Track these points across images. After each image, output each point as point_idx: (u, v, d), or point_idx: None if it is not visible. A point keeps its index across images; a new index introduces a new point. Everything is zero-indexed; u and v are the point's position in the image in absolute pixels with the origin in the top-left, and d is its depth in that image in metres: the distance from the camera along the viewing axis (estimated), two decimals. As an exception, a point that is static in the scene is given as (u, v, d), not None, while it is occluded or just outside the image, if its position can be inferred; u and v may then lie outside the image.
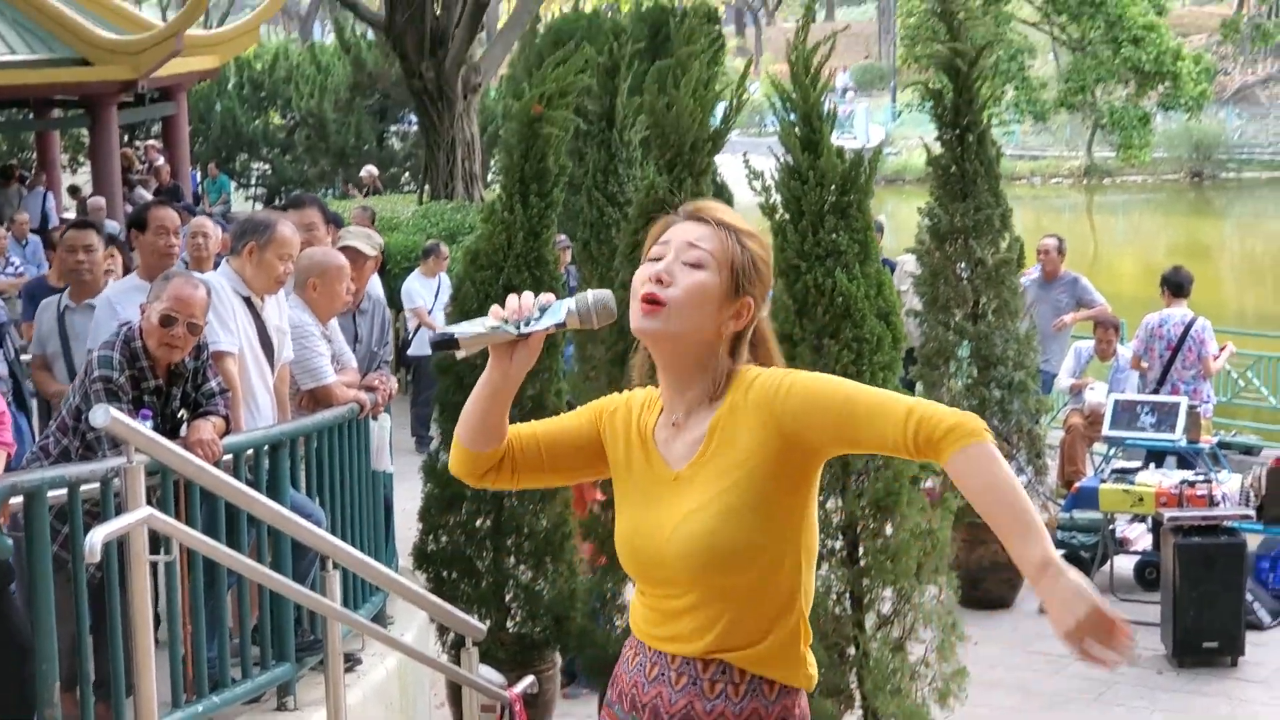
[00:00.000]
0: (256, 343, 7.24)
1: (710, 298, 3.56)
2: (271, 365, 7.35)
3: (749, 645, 3.59)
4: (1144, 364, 13.71)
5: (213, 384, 6.49)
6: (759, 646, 3.59)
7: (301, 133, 35.63)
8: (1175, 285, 13.92)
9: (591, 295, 3.54)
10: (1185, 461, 12.31)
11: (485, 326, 3.49)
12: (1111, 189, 60.85)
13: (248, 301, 7.32)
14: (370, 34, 32.97)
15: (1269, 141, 66.13)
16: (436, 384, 15.65)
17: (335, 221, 9.73)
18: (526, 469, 3.80)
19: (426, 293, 16.58)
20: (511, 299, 3.51)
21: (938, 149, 11.60)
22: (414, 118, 31.33)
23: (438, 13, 23.81)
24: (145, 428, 5.50)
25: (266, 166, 37.05)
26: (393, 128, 35.90)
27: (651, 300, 3.53)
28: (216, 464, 6.05)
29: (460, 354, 3.53)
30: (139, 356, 6.31)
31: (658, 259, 3.59)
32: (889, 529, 7.88)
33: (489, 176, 27.65)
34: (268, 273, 7.33)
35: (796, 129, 7.80)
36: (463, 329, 3.48)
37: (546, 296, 3.53)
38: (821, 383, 3.54)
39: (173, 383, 6.44)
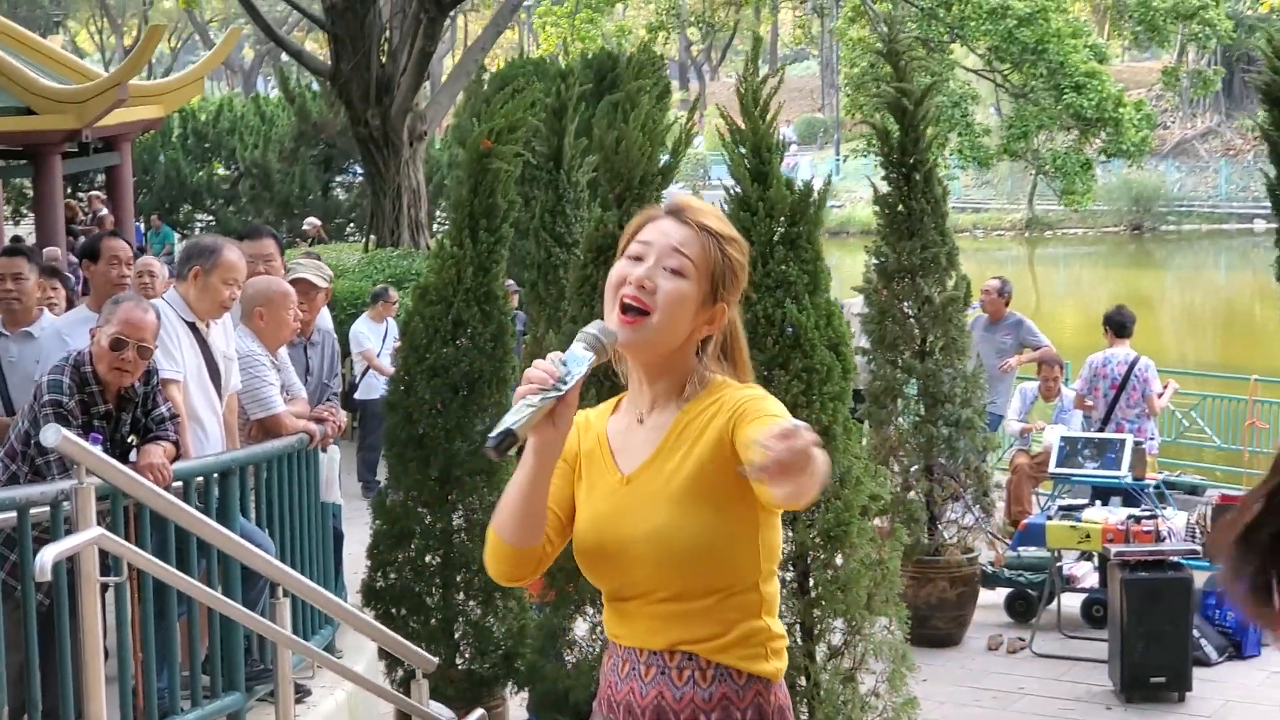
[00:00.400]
0: (203, 369, 7.21)
1: (689, 307, 3.57)
2: (219, 392, 7.31)
3: (712, 638, 3.60)
4: (1088, 403, 13.85)
5: (163, 409, 6.46)
6: (722, 638, 3.60)
7: (246, 183, 35.57)
8: (1118, 325, 14.09)
9: (595, 328, 3.53)
10: (1130, 500, 12.37)
11: (530, 405, 3.42)
12: (1053, 241, 61.34)
13: (193, 327, 7.29)
14: (315, 84, 32.96)
15: (1208, 194, 66.84)
16: (384, 426, 15.74)
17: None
18: (557, 539, 3.69)
19: (375, 337, 16.55)
20: (533, 372, 3.42)
21: (884, 188, 11.64)
22: (359, 168, 31.29)
23: (383, 61, 23.82)
24: (96, 449, 5.46)
25: (210, 218, 36.95)
26: (338, 178, 35.88)
27: (635, 310, 3.53)
28: (166, 489, 6.01)
29: (520, 444, 3.43)
30: (89, 381, 6.28)
31: (637, 258, 3.59)
32: (839, 560, 7.88)
33: (434, 226, 27.64)
34: (212, 297, 7.30)
35: (746, 160, 7.83)
36: (512, 420, 3.39)
37: (556, 354, 3.48)
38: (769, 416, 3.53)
39: (122, 408, 6.41)
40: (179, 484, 6.28)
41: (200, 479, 6.63)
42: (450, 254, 8.96)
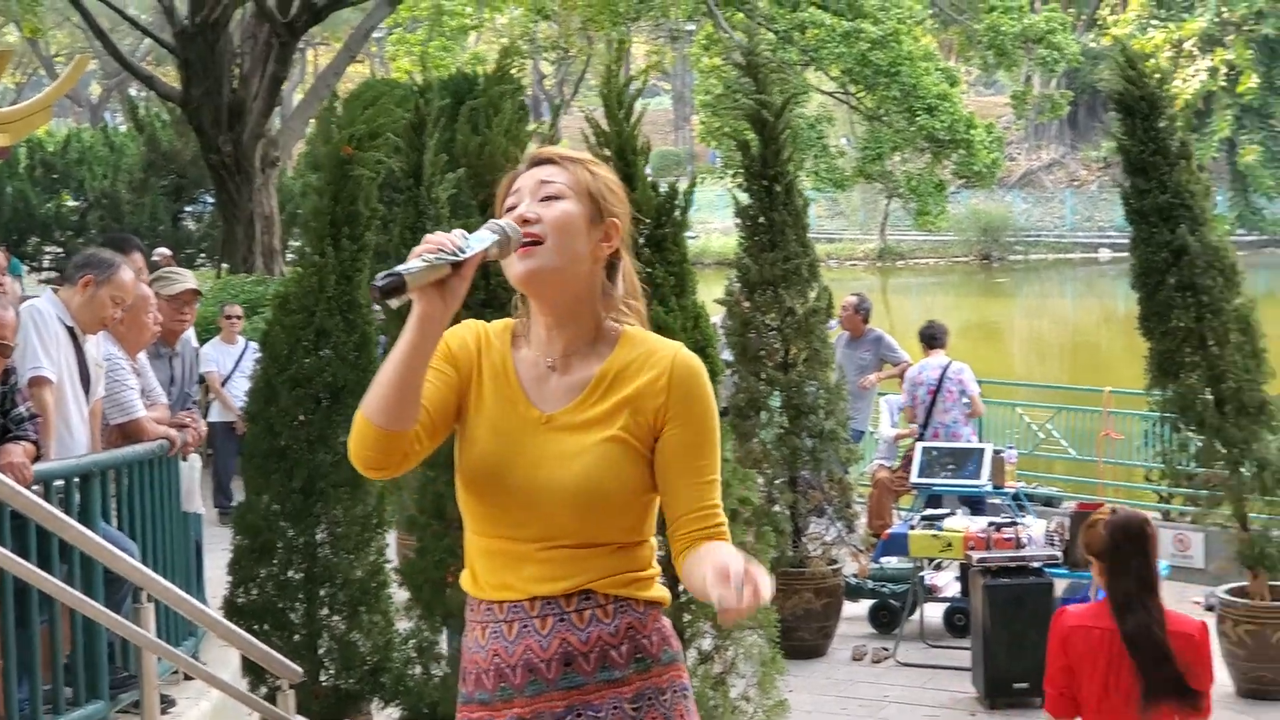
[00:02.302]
0: (76, 374, 7.07)
1: (578, 225, 3.56)
2: (88, 398, 7.18)
3: (605, 574, 3.58)
4: (913, 413, 14.26)
5: (21, 409, 6.32)
6: (616, 575, 3.60)
7: (95, 214, 34.99)
8: (928, 337, 14.77)
9: (504, 220, 3.50)
10: (978, 510, 12.54)
11: (424, 261, 3.32)
12: (905, 271, 62.08)
13: (71, 332, 7.16)
14: (164, 114, 32.57)
15: (1054, 225, 67.97)
16: (235, 448, 15.53)
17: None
18: (427, 440, 3.57)
19: (225, 359, 16.34)
20: (434, 235, 3.38)
21: (746, 200, 11.67)
22: (209, 198, 30.95)
23: (235, 87, 23.61)
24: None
25: (59, 249, 36.31)
26: (188, 208, 35.42)
27: (528, 243, 3.50)
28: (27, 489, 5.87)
29: (405, 297, 3.32)
30: None
31: (512, 207, 3.58)
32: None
33: (287, 255, 27.42)
34: (96, 310, 7.17)
35: (611, 163, 7.81)
36: (405, 267, 3.30)
37: (460, 231, 3.43)
38: (709, 431, 3.62)
39: (-21, 407, 6.26)
40: (38, 486, 6.13)
41: (60, 482, 6.48)
42: (312, 262, 8.85)
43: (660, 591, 3.66)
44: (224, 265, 24.34)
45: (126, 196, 33.93)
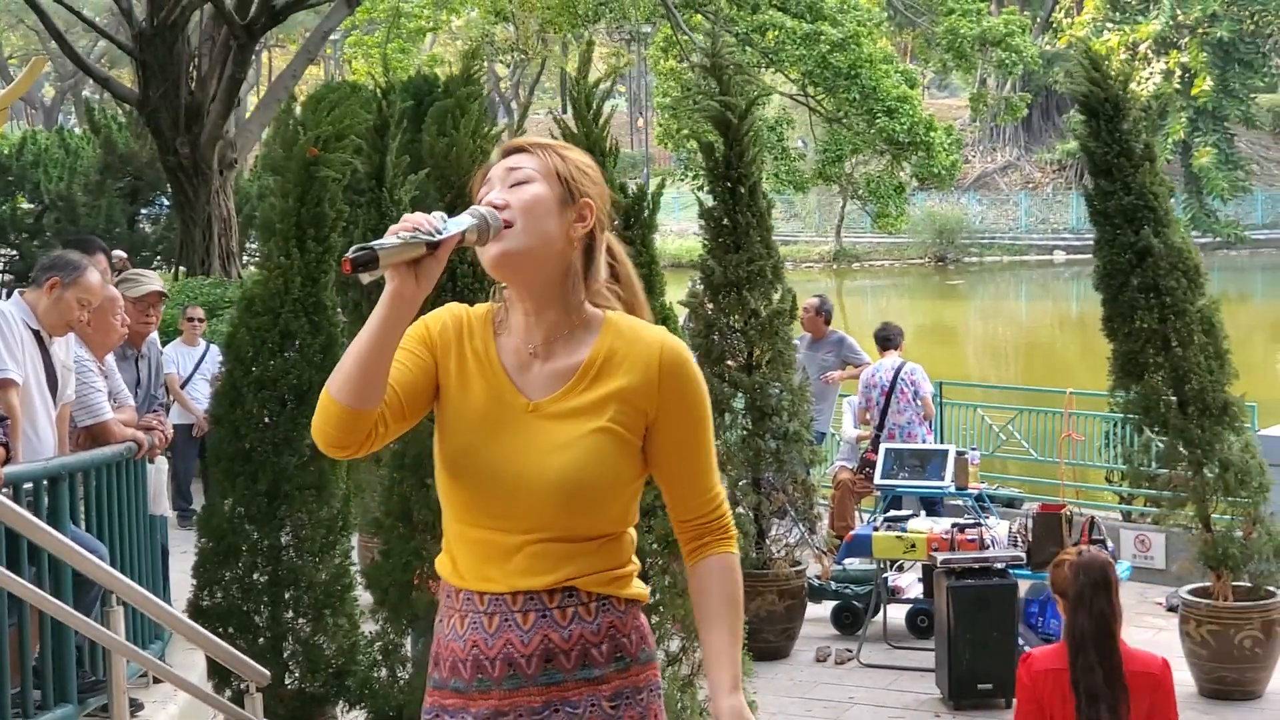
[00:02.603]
0: (43, 376, 7.03)
1: (548, 206, 3.55)
2: (55, 401, 7.13)
3: (595, 571, 3.59)
4: (867, 415, 14.32)
5: (-12, 411, 6.28)
6: (602, 572, 3.60)
7: (50, 217, 34.77)
8: (882, 339, 14.95)
9: (484, 208, 3.49)
10: (934, 513, 12.58)
11: (399, 238, 3.31)
12: (860, 273, 62.28)
13: (37, 335, 7.11)
14: (121, 116, 32.40)
15: (1009, 227, 68.31)
16: (195, 451, 15.46)
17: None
18: (394, 422, 3.55)
19: (185, 361, 16.27)
20: (412, 216, 3.38)
21: (710, 202, 11.66)
22: (166, 200, 30.79)
23: (192, 88, 23.49)
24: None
25: (14, 252, 36.09)
26: (144, 210, 35.25)
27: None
28: (-3, 492, 5.84)
29: (378, 272, 3.30)
30: None
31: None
32: (676, 566, 7.85)
33: (244, 258, 27.29)
34: (63, 314, 7.13)
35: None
36: (380, 242, 3.29)
37: (439, 213, 3.44)
38: (702, 419, 3.66)
39: (-54, 411, 6.22)
40: (7, 489, 6.09)
41: (29, 484, 6.43)
42: (278, 263, 8.79)
43: (639, 588, 3.68)
44: (181, 268, 24.20)
45: (82, 199, 33.72)
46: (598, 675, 3.59)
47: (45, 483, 6.56)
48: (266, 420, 8.73)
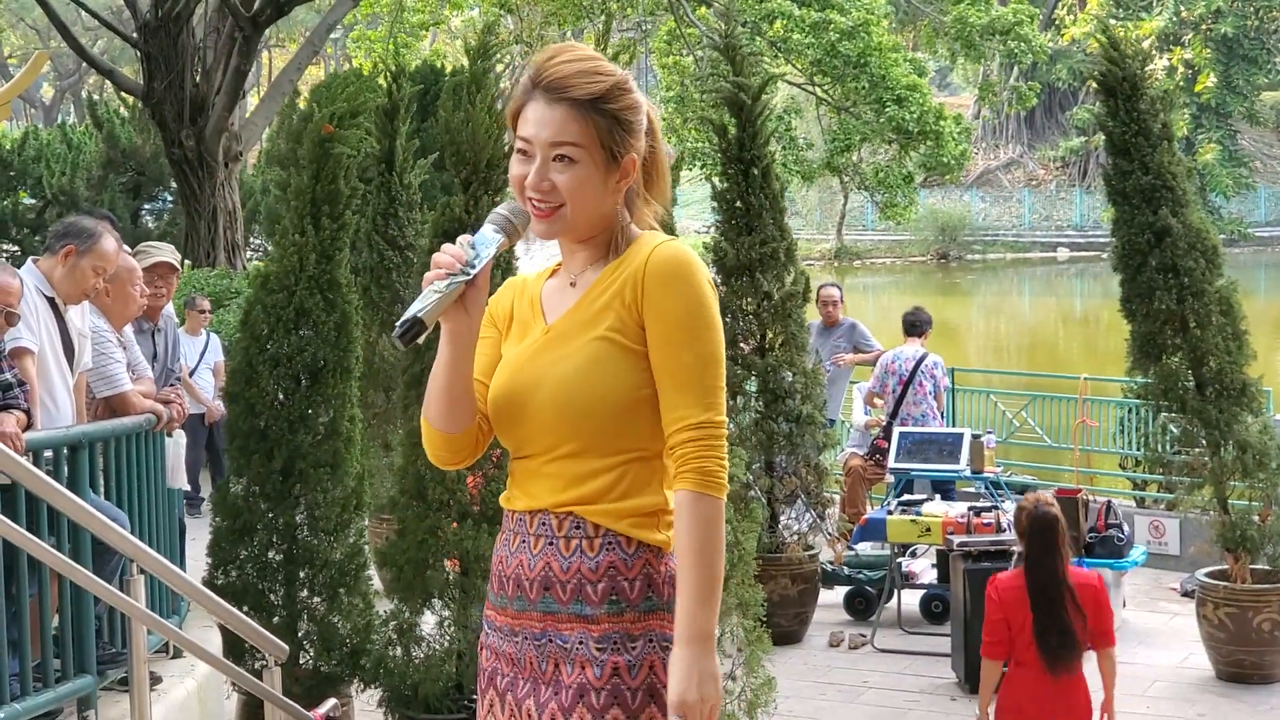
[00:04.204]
0: (59, 344, 6.98)
1: (594, 183, 3.53)
2: (72, 369, 7.08)
3: (601, 499, 3.53)
4: (878, 400, 14.21)
5: (8, 375, 6.22)
6: (614, 503, 3.54)
7: (53, 212, 34.70)
8: (908, 324, 14.79)
9: (506, 208, 3.49)
10: (947, 496, 12.53)
11: (437, 291, 3.35)
12: (862, 270, 62.16)
13: (52, 302, 7.06)
14: (123, 111, 32.36)
15: (1011, 224, 68.24)
16: (201, 442, 15.43)
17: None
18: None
19: (189, 351, 16.23)
20: (441, 256, 3.40)
21: (722, 184, 11.62)
22: (169, 195, 30.75)
23: (197, 80, 23.46)
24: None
25: (16, 248, 36.03)
26: (147, 205, 35.21)
27: (546, 207, 3.51)
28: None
29: (428, 330, 3.36)
30: None
31: (524, 152, 3.53)
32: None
33: (248, 253, 27.25)
34: (78, 281, 7.07)
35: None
36: (418, 308, 3.33)
37: (465, 237, 3.44)
38: (679, 324, 3.48)
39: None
40: (27, 456, 6.03)
41: (49, 452, 6.38)
42: (292, 241, 8.75)
43: (660, 535, 3.56)
44: (186, 260, 24.15)
45: (85, 194, 33.66)
46: (590, 614, 3.53)
47: (65, 451, 6.52)
48: (281, 398, 8.70)
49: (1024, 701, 7.51)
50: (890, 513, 11.76)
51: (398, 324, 3.31)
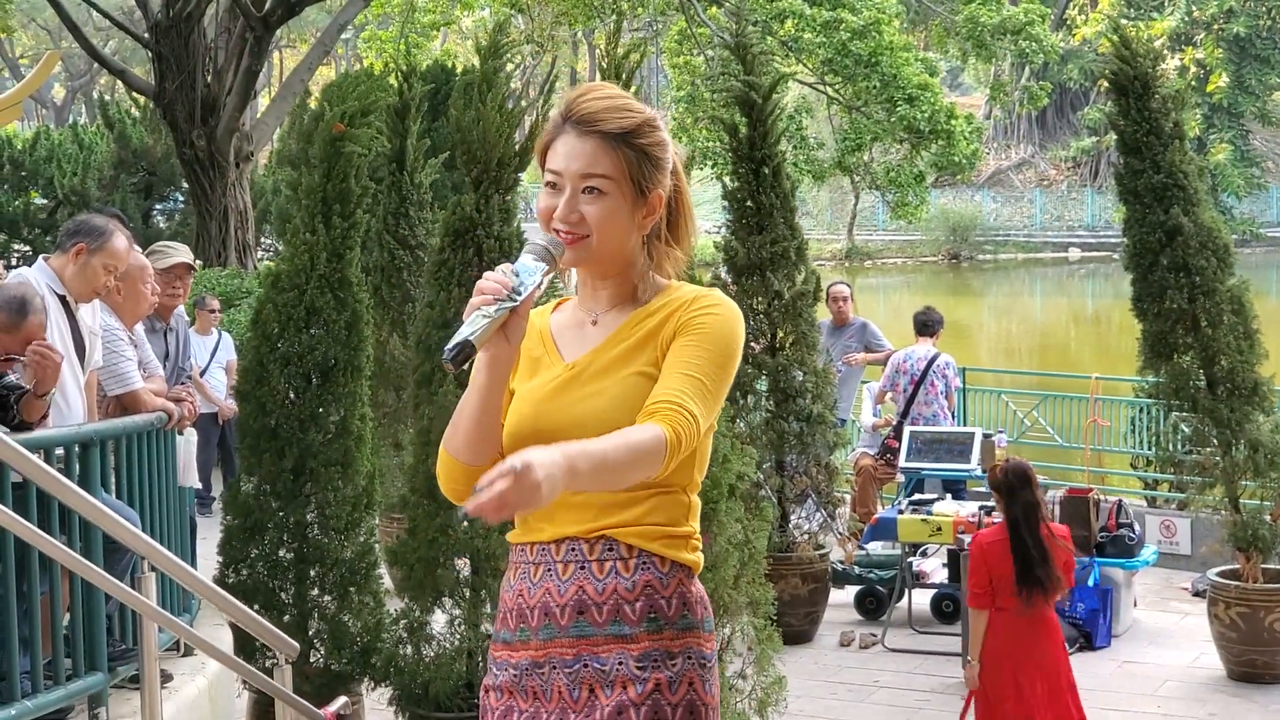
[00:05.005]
0: (70, 343, 6.98)
1: (621, 216, 3.56)
2: (83, 367, 7.09)
3: (635, 522, 3.54)
4: (887, 396, 14.20)
5: (10, 378, 6.24)
6: (646, 525, 3.55)
7: (64, 212, 34.73)
8: (920, 324, 14.72)
9: (544, 239, 3.52)
10: (958, 495, 12.50)
11: (486, 315, 3.37)
12: (873, 271, 62.10)
13: (63, 300, 7.06)
14: (135, 111, 32.41)
15: (1023, 224, 68.16)
16: (213, 441, 15.46)
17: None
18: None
19: (200, 351, 16.24)
20: (485, 283, 3.40)
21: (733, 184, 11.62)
22: (180, 196, 30.79)
23: (208, 80, 23.49)
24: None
25: (28, 248, 36.07)
26: (158, 206, 35.24)
27: (573, 237, 3.53)
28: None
29: (475, 355, 3.40)
30: None
31: (553, 185, 3.56)
32: (707, 539, 7.80)
33: (259, 253, 27.28)
34: (89, 279, 7.07)
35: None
36: (468, 331, 3.35)
37: (506, 265, 3.46)
38: (706, 345, 3.51)
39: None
40: (39, 453, 6.03)
41: (60, 449, 6.39)
42: (303, 240, 8.75)
43: (690, 556, 3.60)
44: (198, 260, 24.16)
45: (96, 194, 33.69)
46: (628, 633, 3.54)
47: (77, 448, 6.52)
48: (292, 396, 8.70)
49: (1006, 642, 8.14)
50: (901, 512, 11.75)
51: (446, 348, 3.32)
